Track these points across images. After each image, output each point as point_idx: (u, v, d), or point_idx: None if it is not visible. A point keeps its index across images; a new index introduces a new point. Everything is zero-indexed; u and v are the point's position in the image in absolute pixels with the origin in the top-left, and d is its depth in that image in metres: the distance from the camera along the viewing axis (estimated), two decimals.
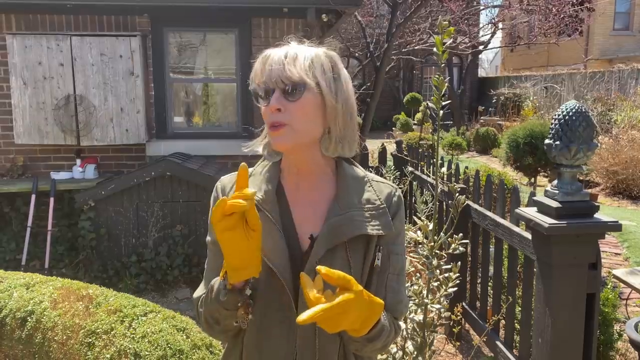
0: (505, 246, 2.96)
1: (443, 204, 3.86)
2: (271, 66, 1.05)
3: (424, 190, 4.32)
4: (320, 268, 0.89)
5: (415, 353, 2.15)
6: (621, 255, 5.22)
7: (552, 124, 2.01)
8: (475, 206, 3.26)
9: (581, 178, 8.42)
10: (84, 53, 4.85)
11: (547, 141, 2.01)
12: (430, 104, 2.12)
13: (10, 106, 4.92)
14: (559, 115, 1.99)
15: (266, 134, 1.14)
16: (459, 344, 3.39)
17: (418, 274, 2.43)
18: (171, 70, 5.37)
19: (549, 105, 14.51)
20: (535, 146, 8.31)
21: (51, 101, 4.87)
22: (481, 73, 27.06)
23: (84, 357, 2.08)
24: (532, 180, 8.92)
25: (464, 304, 3.39)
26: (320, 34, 5.64)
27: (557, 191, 2.03)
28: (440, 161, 3.05)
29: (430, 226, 2.19)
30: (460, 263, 2.28)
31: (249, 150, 1.16)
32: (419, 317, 2.16)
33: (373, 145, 9.25)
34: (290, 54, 1.06)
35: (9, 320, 2.31)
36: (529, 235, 2.38)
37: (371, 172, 1.24)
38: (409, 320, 2.18)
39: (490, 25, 15.44)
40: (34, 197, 4.69)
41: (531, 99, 15.75)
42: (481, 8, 14.82)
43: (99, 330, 2.12)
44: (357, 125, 1.16)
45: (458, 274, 2.17)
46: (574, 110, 1.95)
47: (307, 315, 0.86)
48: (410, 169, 5.02)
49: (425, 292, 2.19)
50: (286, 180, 1.17)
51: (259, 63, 1.08)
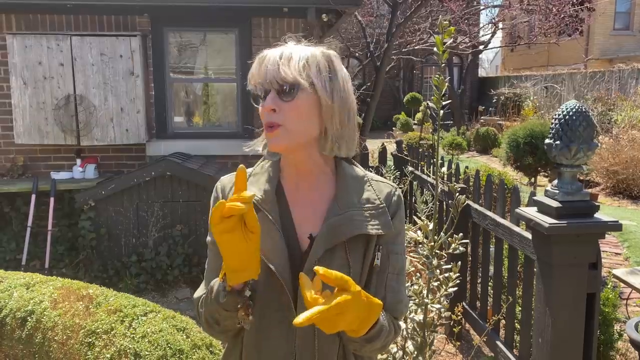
0: (506, 246, 2.96)
1: (443, 203, 3.86)
2: (267, 67, 1.05)
3: (424, 190, 4.32)
4: (317, 269, 0.88)
5: (416, 353, 2.15)
6: (621, 255, 5.22)
7: (553, 123, 2.01)
8: (476, 206, 3.26)
9: (581, 178, 8.42)
10: (84, 53, 4.85)
11: (548, 141, 2.01)
12: (431, 104, 2.12)
13: (10, 106, 4.93)
14: (559, 115, 1.99)
15: None
16: (459, 343, 3.39)
17: (418, 274, 2.43)
18: (171, 70, 5.37)
19: (549, 105, 14.52)
20: (535, 146, 8.31)
21: (51, 101, 4.88)
22: (481, 73, 27.06)
23: (84, 357, 2.08)
24: (533, 180, 8.92)
25: (464, 303, 3.39)
26: (321, 33, 5.64)
27: (558, 191, 2.03)
28: (441, 161, 3.05)
29: (431, 226, 2.19)
30: (460, 263, 2.28)
31: (249, 150, 1.16)
32: (419, 317, 2.16)
33: (373, 145, 9.25)
34: (285, 55, 1.05)
35: (9, 320, 2.31)
36: (529, 235, 2.38)
37: (371, 172, 1.24)
38: (409, 320, 2.18)
39: (490, 25, 15.44)
40: (34, 197, 4.70)
41: (531, 98, 15.76)
42: (481, 8, 14.81)
43: (99, 330, 2.12)
44: (357, 125, 1.15)
45: (458, 274, 2.17)
46: (574, 110, 1.95)
47: (303, 317, 0.85)
48: (411, 169, 5.01)
49: (425, 292, 2.19)
50: (286, 180, 1.16)
51: (256, 64, 1.08)
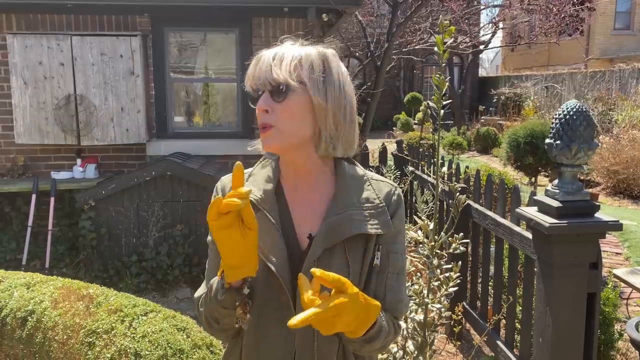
0: (506, 246, 2.96)
1: (444, 203, 3.86)
2: (261, 68, 1.06)
3: (425, 189, 4.32)
4: (314, 270, 0.88)
5: (416, 352, 2.15)
6: (622, 255, 5.22)
7: (553, 123, 2.01)
8: (476, 206, 3.26)
9: (582, 178, 8.42)
10: (84, 53, 4.85)
11: (548, 140, 2.01)
12: (431, 104, 2.13)
13: (10, 106, 4.93)
14: (559, 114, 1.98)
15: None
16: (459, 343, 3.39)
17: (419, 274, 2.43)
18: (171, 70, 5.37)
19: (549, 105, 14.52)
20: (535, 146, 8.31)
21: (52, 101, 4.88)
22: (482, 73, 27.07)
23: (85, 357, 2.08)
24: (533, 179, 8.92)
25: (464, 303, 3.39)
26: (321, 33, 5.64)
27: (558, 191, 2.03)
28: (441, 161, 3.05)
29: (431, 226, 2.19)
30: (460, 263, 2.28)
31: (252, 149, 1.17)
32: (420, 317, 2.16)
33: (374, 145, 9.25)
34: (279, 55, 1.06)
35: (10, 319, 2.31)
36: (530, 235, 2.38)
37: (371, 172, 1.23)
38: (409, 320, 2.18)
39: (490, 24, 15.43)
40: (34, 197, 4.70)
41: (532, 98, 15.76)
42: (482, 8, 14.81)
43: (99, 330, 2.12)
44: (356, 125, 1.13)
45: (459, 274, 2.17)
46: (574, 109, 1.95)
47: (298, 319, 0.85)
48: (411, 169, 5.01)
49: (425, 292, 2.19)
50: (285, 180, 1.16)
51: (252, 64, 1.08)
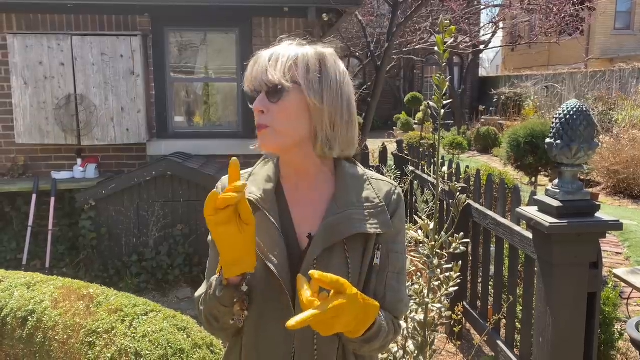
0: (506, 245, 2.96)
1: (444, 203, 3.86)
2: (258, 69, 1.06)
3: (425, 189, 4.32)
4: (313, 272, 0.88)
5: (416, 352, 2.15)
6: (622, 255, 5.22)
7: (553, 123, 2.01)
8: (476, 205, 3.26)
9: (582, 177, 8.42)
10: (84, 53, 4.85)
11: (548, 140, 2.01)
12: (432, 103, 2.12)
13: (11, 106, 4.93)
14: (560, 114, 1.98)
15: None
16: (459, 343, 3.39)
17: (419, 273, 2.43)
18: (172, 70, 5.38)
19: (549, 105, 14.52)
20: (536, 145, 8.30)
21: (52, 101, 4.88)
22: (482, 72, 27.07)
23: (85, 357, 2.08)
24: (533, 179, 8.92)
25: (464, 303, 3.38)
26: (321, 33, 5.64)
27: (558, 190, 2.03)
28: (441, 160, 3.05)
29: (431, 225, 2.19)
30: (461, 262, 2.28)
31: (254, 149, 1.17)
32: (420, 317, 2.16)
33: (374, 145, 9.25)
34: (275, 56, 1.06)
35: (10, 319, 2.31)
36: (530, 235, 2.38)
37: (372, 171, 1.23)
38: (409, 320, 2.18)
39: (491, 24, 15.44)
40: (34, 197, 4.70)
41: (532, 98, 15.76)
42: (482, 7, 14.80)
43: (99, 330, 2.12)
44: (355, 125, 1.13)
45: (459, 274, 2.17)
46: (575, 109, 1.95)
47: (296, 320, 0.85)
48: (411, 169, 5.01)
49: (426, 292, 2.19)
50: (285, 180, 1.17)
51: (250, 65, 1.09)
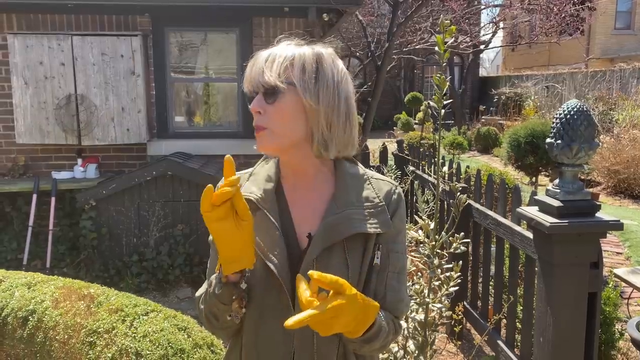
0: (507, 245, 2.96)
1: (444, 203, 3.86)
2: (255, 70, 1.07)
3: (425, 189, 4.32)
4: (312, 273, 0.88)
5: (417, 352, 2.15)
6: (622, 255, 5.22)
7: (554, 123, 2.01)
8: (477, 205, 3.25)
9: (582, 177, 8.41)
10: (85, 53, 4.85)
11: (549, 140, 2.01)
12: (432, 103, 2.12)
13: (11, 106, 4.93)
14: (560, 114, 1.98)
15: None
16: (460, 343, 3.39)
17: (419, 273, 2.43)
18: (172, 70, 5.38)
19: (550, 105, 14.52)
20: (536, 145, 8.30)
21: (52, 101, 4.88)
22: (482, 72, 27.06)
23: (86, 356, 2.08)
24: (534, 179, 8.92)
25: (465, 303, 3.38)
26: (321, 33, 5.64)
27: (559, 190, 2.03)
28: (442, 160, 3.05)
29: (432, 225, 2.19)
30: (461, 262, 2.28)
31: (257, 149, 1.17)
32: (420, 317, 2.16)
33: (374, 145, 9.25)
34: (271, 57, 1.06)
35: (11, 319, 2.31)
36: (531, 235, 2.38)
37: (372, 171, 1.23)
38: (410, 320, 2.18)
39: (491, 24, 15.42)
40: (35, 197, 4.70)
41: (532, 98, 15.75)
42: (482, 7, 14.79)
43: (100, 330, 2.12)
44: (353, 125, 1.12)
45: (459, 273, 2.17)
46: (575, 109, 1.95)
47: (294, 320, 0.85)
48: (412, 169, 5.01)
49: (426, 292, 2.19)
50: (285, 180, 1.17)
51: (249, 66, 1.09)
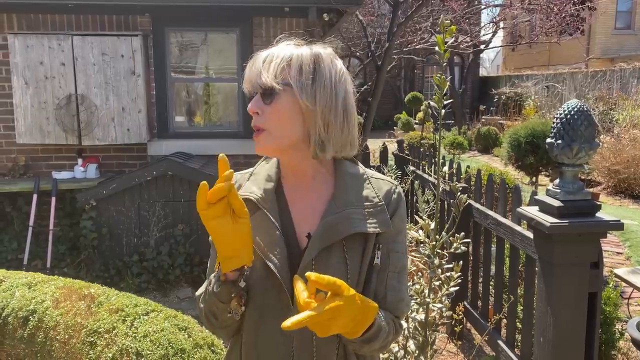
0: (507, 245, 2.96)
1: (445, 203, 3.86)
2: (253, 70, 1.07)
3: (426, 189, 4.32)
4: (309, 274, 0.88)
5: (417, 352, 2.15)
6: (623, 255, 5.22)
7: (554, 123, 2.01)
8: (477, 205, 3.25)
9: (582, 177, 8.42)
10: (85, 53, 4.85)
11: (549, 140, 2.01)
12: (432, 103, 2.12)
13: (12, 106, 4.93)
14: (560, 114, 1.98)
15: None
16: (460, 343, 3.39)
17: (420, 273, 2.43)
18: (172, 70, 5.38)
19: (550, 105, 14.51)
20: (536, 145, 8.30)
21: (53, 101, 4.88)
22: (482, 72, 27.06)
23: (86, 356, 2.08)
24: (534, 179, 8.92)
25: (465, 303, 3.38)
26: (322, 33, 5.64)
27: (559, 190, 2.03)
28: (442, 160, 3.05)
29: (432, 225, 2.19)
30: (461, 262, 2.28)
31: (255, 150, 1.17)
32: (421, 316, 2.16)
33: (374, 145, 9.25)
34: (269, 57, 1.06)
35: (11, 319, 2.31)
36: (531, 235, 2.38)
37: (372, 171, 1.23)
38: (410, 320, 2.18)
39: (491, 24, 15.42)
40: (35, 197, 4.70)
41: (532, 98, 15.75)
42: (482, 7, 14.79)
43: (100, 330, 2.12)
44: (351, 126, 1.12)
45: (460, 273, 2.17)
46: (575, 109, 1.95)
47: (292, 321, 0.85)
48: (412, 168, 5.01)
49: (426, 291, 2.19)
50: (285, 180, 1.17)
51: (248, 67, 1.09)
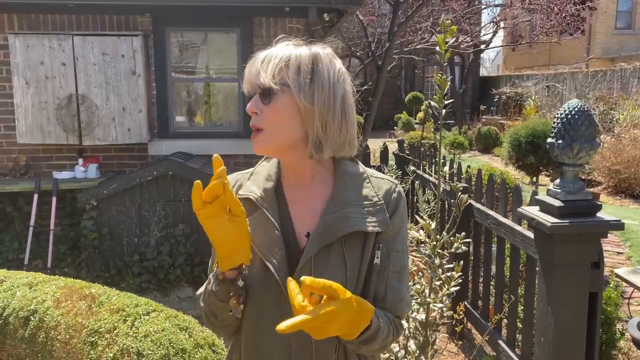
0: (508, 245, 2.96)
1: (445, 203, 3.86)
2: (252, 71, 1.08)
3: (426, 189, 4.31)
4: (304, 279, 0.88)
5: (418, 352, 2.15)
6: (623, 255, 5.22)
7: (555, 122, 2.01)
8: (478, 205, 3.25)
9: (583, 177, 8.41)
10: (86, 53, 4.85)
11: (550, 140, 2.01)
12: (433, 103, 2.12)
13: (12, 106, 4.94)
14: (561, 114, 1.98)
15: None
16: (461, 343, 3.39)
17: (420, 273, 2.43)
18: (173, 70, 5.38)
19: (550, 105, 14.52)
20: (537, 145, 8.30)
21: (53, 101, 4.88)
22: (483, 72, 27.06)
23: (87, 356, 2.08)
24: (534, 179, 8.91)
25: (466, 303, 3.38)
26: (322, 33, 5.64)
27: (560, 190, 2.03)
28: (443, 160, 3.05)
29: (433, 225, 2.19)
30: (462, 262, 2.28)
31: (254, 149, 1.17)
32: (422, 316, 2.16)
33: (375, 145, 9.25)
34: (267, 58, 1.07)
35: (12, 319, 2.31)
36: (531, 235, 2.38)
37: (372, 170, 1.23)
38: (411, 319, 2.19)
39: (492, 24, 15.41)
40: (36, 197, 4.70)
41: (533, 98, 15.75)
42: (483, 7, 14.79)
43: (101, 329, 2.12)
44: (350, 125, 1.11)
45: (460, 273, 2.17)
46: (576, 109, 1.95)
47: (286, 325, 0.85)
48: (412, 168, 5.01)
49: (427, 291, 2.19)
50: (286, 180, 1.17)
51: (247, 67, 1.10)
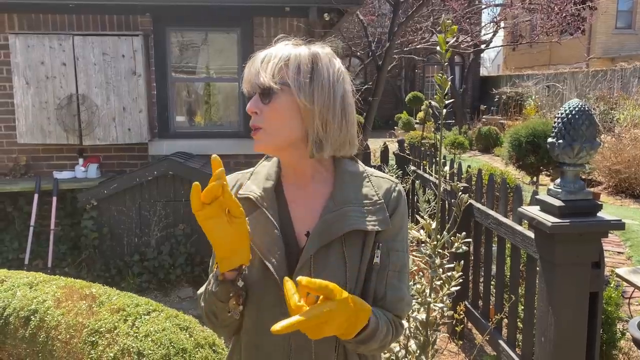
0: (508, 245, 2.96)
1: (445, 202, 3.86)
2: (252, 70, 1.08)
3: (427, 189, 4.32)
4: (300, 279, 0.88)
5: (418, 352, 2.15)
6: (624, 254, 5.22)
7: (555, 122, 2.01)
8: (478, 205, 3.25)
9: (583, 177, 8.41)
10: (86, 52, 4.85)
11: (550, 140, 2.01)
12: (433, 103, 2.12)
13: (13, 106, 4.94)
14: (561, 113, 1.98)
15: None
16: (461, 342, 3.39)
17: (421, 273, 2.43)
18: (173, 70, 5.38)
19: (551, 104, 14.51)
20: (537, 145, 8.29)
21: (54, 101, 4.88)
22: (483, 72, 27.06)
23: (88, 356, 2.08)
24: (535, 179, 8.91)
25: (466, 302, 3.38)
26: (322, 33, 5.64)
27: (560, 190, 2.03)
28: (443, 160, 3.05)
29: (433, 225, 2.19)
30: (462, 262, 2.28)
31: (254, 149, 1.18)
32: (422, 316, 2.16)
33: (375, 145, 9.25)
34: (267, 57, 1.07)
35: (13, 319, 2.32)
36: (532, 234, 2.38)
37: (372, 169, 1.23)
38: (411, 319, 2.19)
39: (492, 24, 15.41)
40: (36, 197, 4.71)
41: (533, 97, 15.75)
42: (483, 7, 14.79)
43: (102, 329, 2.12)
44: (350, 125, 1.12)
45: (461, 273, 2.17)
46: (577, 108, 1.95)
47: (281, 325, 0.85)
48: (413, 168, 5.01)
49: (428, 291, 2.19)
50: (285, 179, 1.18)
51: (247, 67, 1.10)
